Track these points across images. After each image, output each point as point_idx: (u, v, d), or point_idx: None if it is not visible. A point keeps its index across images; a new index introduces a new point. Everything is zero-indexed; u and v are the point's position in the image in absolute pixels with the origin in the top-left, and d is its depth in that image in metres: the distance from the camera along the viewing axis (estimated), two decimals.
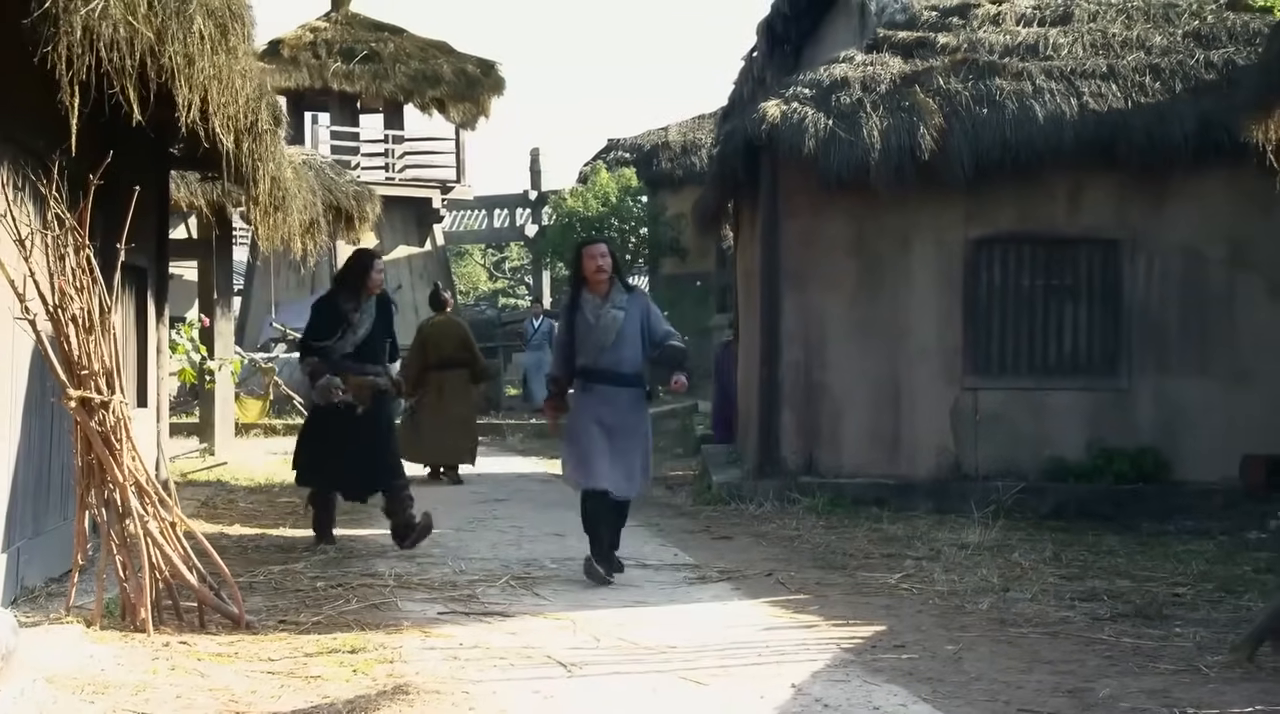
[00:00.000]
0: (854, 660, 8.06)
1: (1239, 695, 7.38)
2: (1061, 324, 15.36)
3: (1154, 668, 8.00)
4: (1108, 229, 15.18)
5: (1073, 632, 8.96)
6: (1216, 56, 15.34)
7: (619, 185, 38.80)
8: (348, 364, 11.84)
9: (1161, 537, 13.31)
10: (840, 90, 15.50)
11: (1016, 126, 14.89)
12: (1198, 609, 9.80)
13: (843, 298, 15.45)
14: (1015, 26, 16.49)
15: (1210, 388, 14.94)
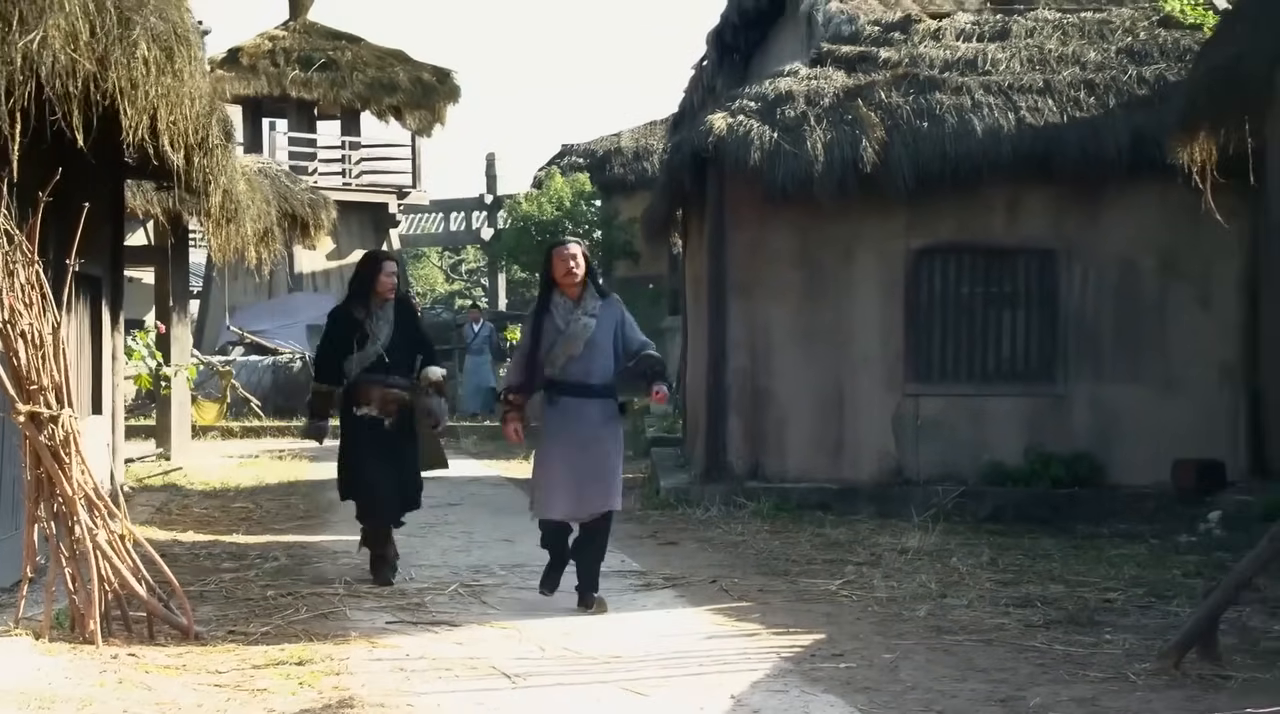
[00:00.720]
0: (793, 670, 7.99)
1: (1165, 704, 7.38)
2: (1000, 332, 15.35)
3: (1084, 676, 7.95)
4: (1044, 239, 15.19)
5: (1007, 639, 8.90)
6: (1149, 72, 15.36)
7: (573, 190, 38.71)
8: (371, 377, 10.58)
9: (1095, 540, 13.29)
10: (785, 103, 15.44)
11: (956, 140, 14.87)
12: (1128, 615, 9.77)
13: (788, 307, 15.40)
14: (955, 42, 16.49)
15: (1143, 394, 14.96)
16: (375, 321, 10.63)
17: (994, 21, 16.99)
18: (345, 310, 10.87)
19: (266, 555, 11.77)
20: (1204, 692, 7.59)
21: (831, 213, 14.97)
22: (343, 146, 36.61)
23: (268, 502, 15.98)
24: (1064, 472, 14.81)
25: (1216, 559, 12.03)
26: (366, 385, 10.60)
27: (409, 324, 11.00)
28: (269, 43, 35.22)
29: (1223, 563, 11.78)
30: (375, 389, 10.59)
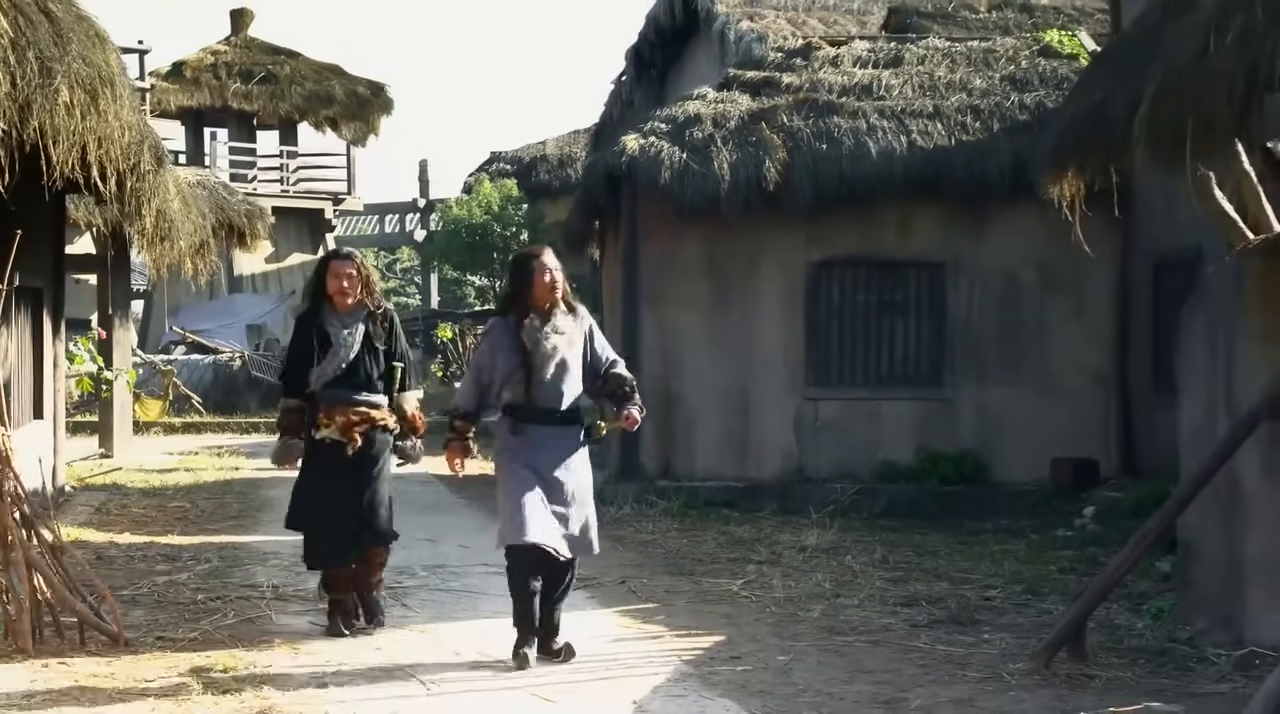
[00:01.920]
0: (693, 674, 7.89)
1: (1035, 704, 7.35)
2: (893, 339, 15.43)
3: (962, 676, 7.89)
4: (934, 254, 15.27)
5: (893, 639, 8.83)
6: (1029, 99, 15.49)
7: (501, 195, 38.62)
8: (334, 394, 8.58)
9: (980, 535, 13.33)
10: (694, 125, 15.46)
11: (852, 161, 14.95)
12: (1005, 613, 9.75)
13: (697, 316, 15.40)
14: (852, 68, 16.55)
15: (1024, 397, 15.07)
16: (340, 331, 8.69)
17: (888, 49, 17.07)
18: (310, 317, 8.91)
19: (199, 557, 11.56)
20: (1071, 691, 7.59)
21: (737, 228, 14.99)
22: (281, 155, 36.42)
23: (204, 501, 15.71)
24: (951, 470, 14.92)
25: (1090, 554, 12.11)
26: (329, 403, 8.63)
27: (384, 336, 8.89)
28: (211, 57, 35.04)
29: (1095, 557, 11.88)
30: (338, 408, 8.62)
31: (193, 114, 34.45)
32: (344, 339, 8.61)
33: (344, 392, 8.62)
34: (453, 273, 44.25)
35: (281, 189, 35.23)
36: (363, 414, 8.62)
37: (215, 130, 36.24)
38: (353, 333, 8.64)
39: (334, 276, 8.66)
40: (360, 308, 8.73)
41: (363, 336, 8.68)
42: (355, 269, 8.73)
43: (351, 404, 8.61)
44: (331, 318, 8.66)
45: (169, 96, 33.54)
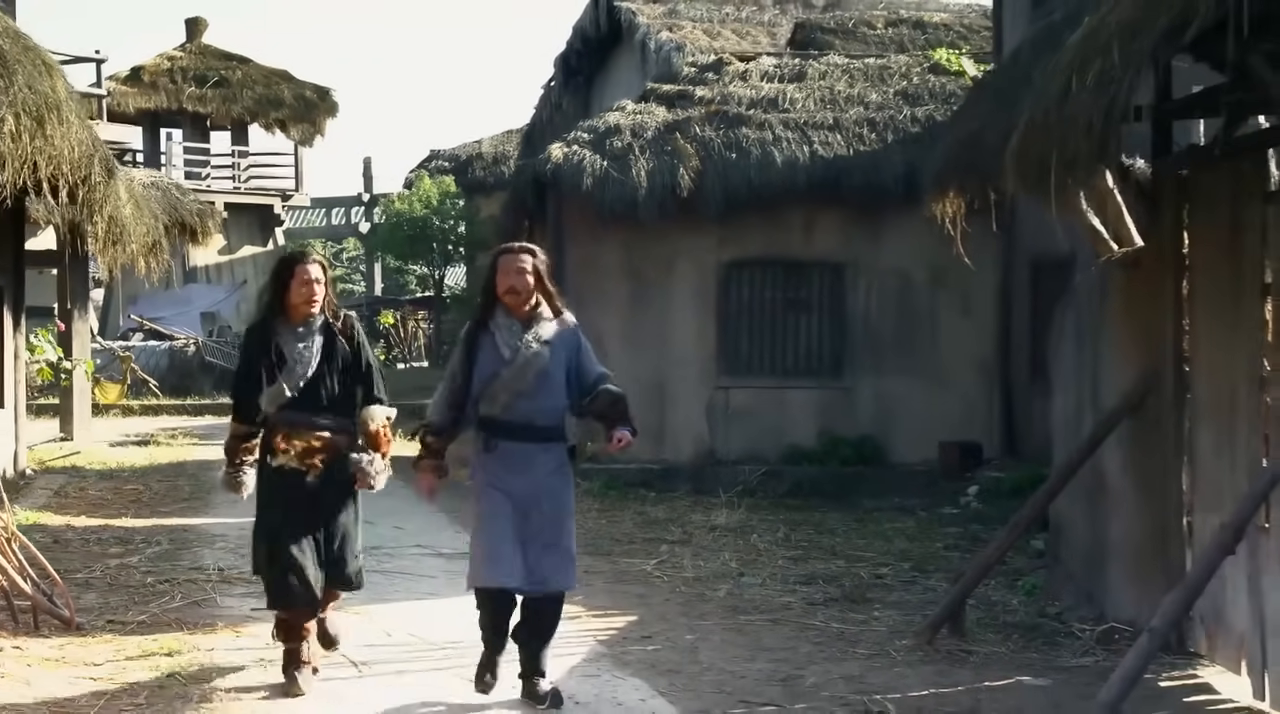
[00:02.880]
0: (606, 654, 7.89)
1: (918, 678, 7.45)
2: (797, 333, 15.52)
3: (853, 653, 7.98)
4: (835, 254, 15.35)
5: (791, 618, 8.87)
6: (921, 112, 15.60)
7: (439, 190, 38.51)
8: (291, 416, 6.94)
9: (875, 513, 13.45)
10: (614, 136, 15.46)
11: (760, 169, 15.01)
12: (894, 590, 9.84)
13: (617, 312, 15.40)
14: (760, 82, 16.60)
15: (916, 386, 15.20)
16: (295, 344, 7.00)
17: (793, 65, 17.12)
18: (260, 326, 7.18)
19: (150, 540, 11.38)
20: (951, 666, 7.69)
21: (654, 231, 15.01)
22: (233, 155, 36.14)
23: (157, 483, 15.53)
24: (851, 452, 15.05)
25: (972, 531, 12.29)
26: (286, 427, 6.99)
27: (347, 349, 7.15)
28: (168, 62, 34.74)
29: (977, 535, 12.05)
30: (296, 432, 6.98)
31: (150, 116, 34.23)
32: (300, 354, 6.91)
33: (302, 414, 6.95)
34: (395, 262, 44.16)
35: (234, 186, 35.05)
36: (324, 439, 6.95)
37: (171, 131, 35.90)
38: (310, 346, 6.92)
39: (301, 283, 6.87)
40: (317, 317, 7.00)
41: (322, 350, 6.98)
42: (321, 272, 6.98)
43: (312, 427, 6.94)
44: (285, 330, 6.94)
45: (128, 99, 33.22)
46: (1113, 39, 5.95)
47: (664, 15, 25.58)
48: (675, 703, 6.95)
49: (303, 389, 6.91)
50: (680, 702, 6.97)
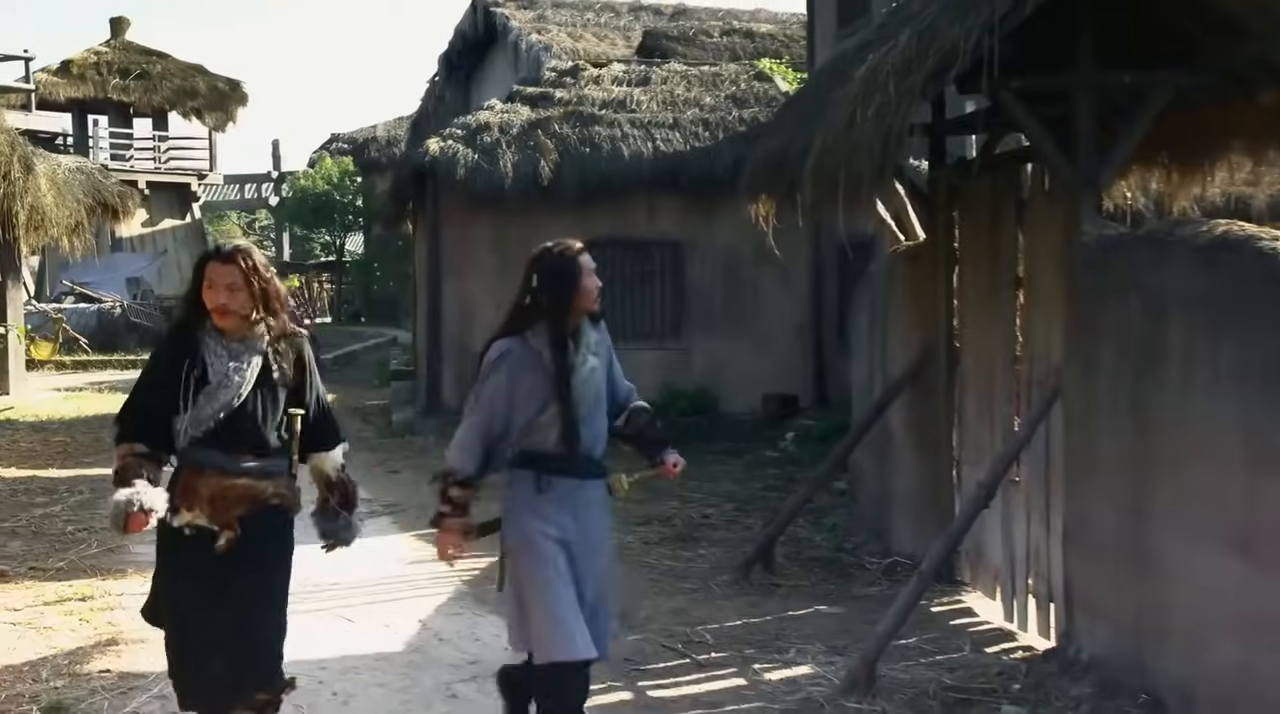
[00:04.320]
0: (469, 593, 7.82)
1: (734, 609, 7.52)
2: (642, 302, 15.48)
3: (680, 588, 8.03)
4: (674, 235, 15.33)
5: (631, 556, 8.76)
6: (747, 113, 15.63)
7: (339, 169, 38.15)
8: (204, 457, 4.56)
9: (707, 457, 13.26)
10: (484, 132, 15.28)
11: (610, 161, 14.94)
12: (719, 529, 9.81)
13: (487, 284, 15.16)
14: (611, 86, 16.50)
15: (742, 347, 15.28)
16: (224, 362, 4.56)
17: (639, 71, 17.05)
18: (179, 331, 4.69)
19: (73, 489, 11.06)
20: (763, 598, 7.76)
21: (519, 214, 14.82)
22: (154, 139, 35.17)
23: (82, 435, 15.10)
24: (688, 404, 15.06)
25: (788, 472, 12.29)
26: (195, 472, 4.54)
27: (290, 376, 4.68)
28: (94, 56, 33.69)
29: (792, 476, 12.07)
30: (207, 479, 4.53)
31: (79, 104, 33.33)
32: (229, 376, 4.50)
33: (218, 454, 4.49)
34: (301, 232, 43.53)
35: (155, 166, 34.20)
36: (246, 488, 4.51)
37: (98, 117, 34.90)
38: (242, 367, 4.53)
39: (210, 287, 4.50)
40: (259, 334, 4.56)
41: (258, 373, 4.55)
42: (242, 274, 4.49)
43: (230, 473, 4.50)
44: (213, 342, 4.52)
45: (58, 89, 32.25)
46: (890, 77, 6.02)
47: (533, 20, 25.46)
48: None
49: (225, 421, 4.46)
50: None
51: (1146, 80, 6.47)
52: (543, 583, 4.65)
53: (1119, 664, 5.79)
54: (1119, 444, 5.82)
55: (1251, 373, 4.90)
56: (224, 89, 34.43)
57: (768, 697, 6.11)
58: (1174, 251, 5.46)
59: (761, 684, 6.28)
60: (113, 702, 5.89)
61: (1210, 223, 5.40)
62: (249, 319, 4.56)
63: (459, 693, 6.12)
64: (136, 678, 6.18)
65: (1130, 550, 5.71)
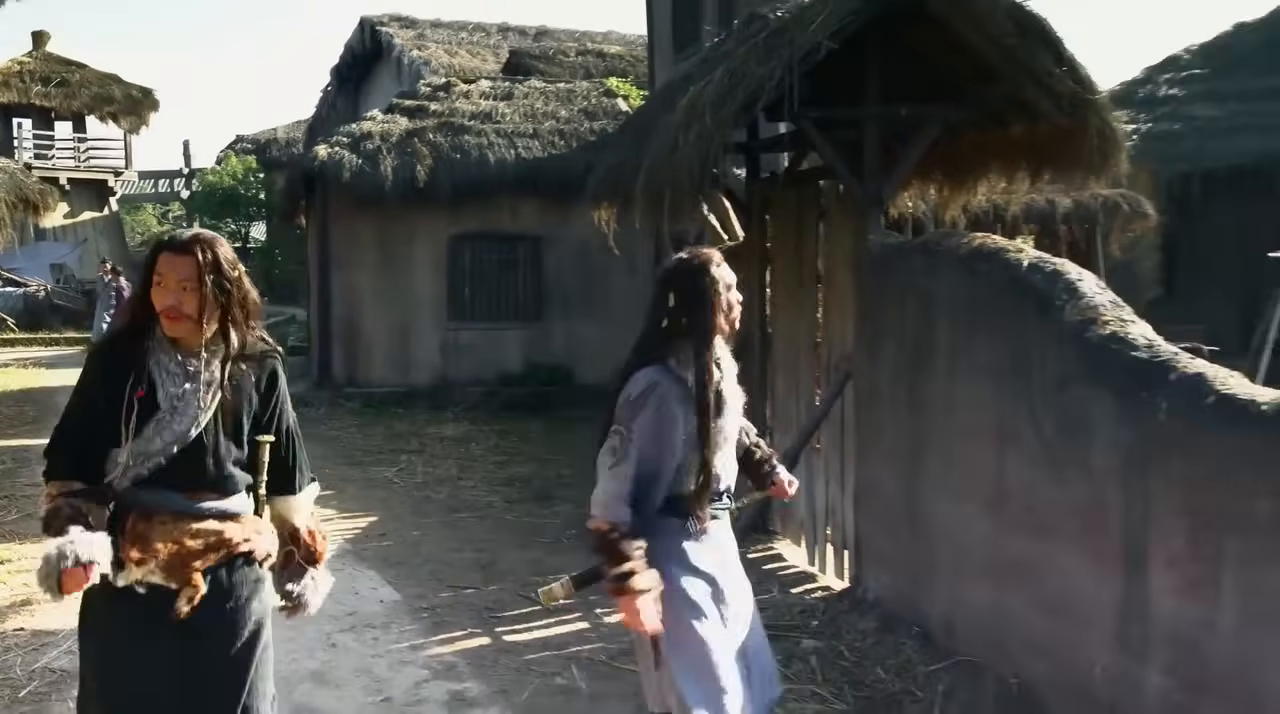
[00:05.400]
0: (350, 550, 7.73)
1: (582, 560, 7.32)
2: (508, 288, 15.35)
3: (537, 542, 8.00)
4: (534, 229, 15.21)
5: (494, 514, 8.79)
6: (597, 125, 15.57)
7: (244, 167, 37.09)
8: (155, 499, 2.97)
9: (565, 422, 13.39)
10: (367, 139, 14.99)
11: (478, 167, 14.78)
12: (572, 488, 9.64)
13: (371, 274, 15.02)
14: (479, 100, 16.28)
15: (595, 326, 15.18)
16: (178, 381, 3.04)
17: (504, 87, 16.85)
18: (122, 341, 3.08)
19: None
20: None
21: (398, 213, 14.67)
22: (74, 140, 33.84)
23: (6, 408, 14.49)
24: (548, 376, 15.03)
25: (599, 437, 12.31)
26: (141, 516, 3.00)
27: (256, 398, 3.15)
28: (18, 65, 32.31)
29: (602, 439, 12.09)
30: (161, 524, 3.01)
31: (3, 109, 32.01)
32: (184, 399, 3.06)
33: (173, 495, 3.06)
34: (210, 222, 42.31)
35: (75, 164, 32.97)
36: (211, 534, 3.10)
37: (22, 120, 33.45)
38: (199, 388, 3.07)
39: (160, 284, 3.03)
40: (218, 345, 3.11)
41: (217, 396, 3.09)
42: (198, 269, 3.01)
43: (188, 517, 3.07)
44: (165, 356, 3.08)
45: None
46: (707, 107, 6.04)
47: (414, 37, 25.10)
48: (399, 590, 6.89)
49: (179, 456, 3.03)
50: (404, 589, 6.92)
51: (922, 113, 6.61)
52: (695, 639, 3.41)
53: (897, 603, 5.95)
54: (898, 421, 5.96)
55: (1000, 365, 5.05)
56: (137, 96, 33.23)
57: (606, 637, 6.13)
58: (941, 259, 5.59)
59: (602, 626, 6.30)
60: (25, 658, 5.68)
61: (970, 236, 5.54)
62: (204, 327, 3.04)
63: (338, 642, 6.02)
64: (48, 634, 5.97)
65: (906, 509, 5.86)
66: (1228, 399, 3.93)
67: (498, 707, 5.25)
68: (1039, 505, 4.79)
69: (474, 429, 12.81)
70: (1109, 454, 4.38)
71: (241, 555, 3.16)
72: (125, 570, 3.01)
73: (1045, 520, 4.76)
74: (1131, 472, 4.27)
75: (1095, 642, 4.46)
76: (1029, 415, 4.84)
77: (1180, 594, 4.08)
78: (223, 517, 3.12)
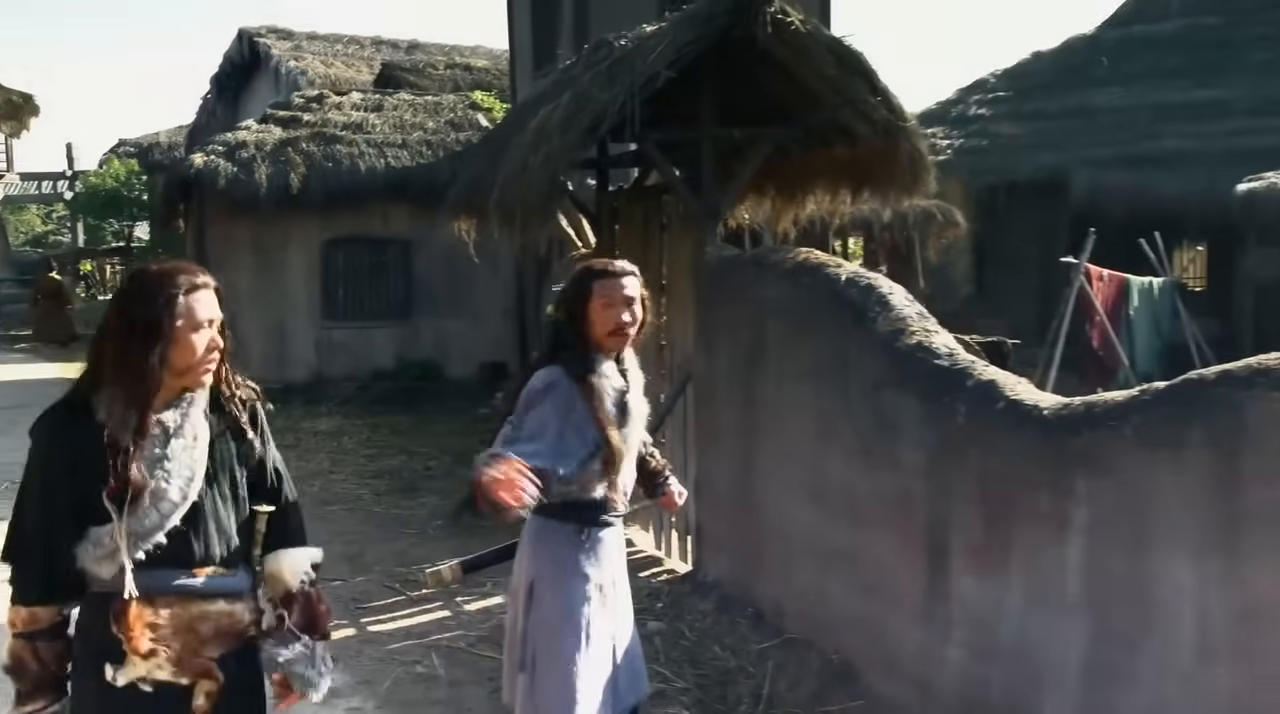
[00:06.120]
0: None
1: (445, 550, 7.23)
2: (380, 289, 14.95)
3: (403, 533, 7.82)
4: (405, 234, 14.81)
5: (363, 506, 8.55)
6: (462, 136, 15.27)
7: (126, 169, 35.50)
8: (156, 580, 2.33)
9: (434, 416, 13.12)
10: (241, 148, 14.42)
11: (350, 175, 14.33)
12: (438, 479, 9.53)
13: (248, 276, 14.40)
14: (351, 111, 15.80)
15: (462, 324, 14.96)
16: (169, 443, 2.38)
17: (374, 99, 16.40)
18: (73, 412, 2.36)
19: None
20: (469, 539, 7.35)
21: (273, 219, 14.14)
22: None
23: None
24: (418, 371, 14.71)
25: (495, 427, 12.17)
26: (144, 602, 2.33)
27: (242, 445, 2.64)
28: None
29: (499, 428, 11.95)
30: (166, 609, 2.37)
31: None
32: (173, 459, 2.41)
33: (178, 573, 2.43)
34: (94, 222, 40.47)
35: None
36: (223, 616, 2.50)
37: None
38: (187, 442, 2.44)
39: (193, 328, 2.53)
40: (199, 392, 2.56)
41: (210, 457, 2.51)
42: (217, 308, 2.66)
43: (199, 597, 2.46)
44: (131, 413, 2.37)
45: None
46: (554, 131, 5.96)
47: (291, 48, 24.35)
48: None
49: (177, 528, 2.46)
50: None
51: (754, 134, 6.64)
52: (569, 654, 3.24)
53: (734, 585, 5.98)
54: (734, 418, 5.98)
55: (822, 369, 5.10)
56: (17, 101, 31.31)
57: (467, 625, 6.04)
58: (770, 272, 5.62)
59: (462, 614, 6.21)
60: None
61: (796, 251, 5.58)
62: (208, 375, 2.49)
63: None
64: None
65: (740, 499, 5.89)
66: (1015, 404, 4.03)
67: (360, 696, 5.10)
68: (856, 497, 4.86)
69: (347, 423, 12.49)
70: (916, 452, 4.45)
71: (250, 638, 2.57)
72: (128, 666, 2.35)
73: (862, 511, 4.82)
74: (935, 468, 4.35)
75: (904, 620, 4.54)
76: (847, 415, 4.90)
77: (976, 577, 4.18)
78: (231, 594, 2.52)
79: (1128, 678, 3.60)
